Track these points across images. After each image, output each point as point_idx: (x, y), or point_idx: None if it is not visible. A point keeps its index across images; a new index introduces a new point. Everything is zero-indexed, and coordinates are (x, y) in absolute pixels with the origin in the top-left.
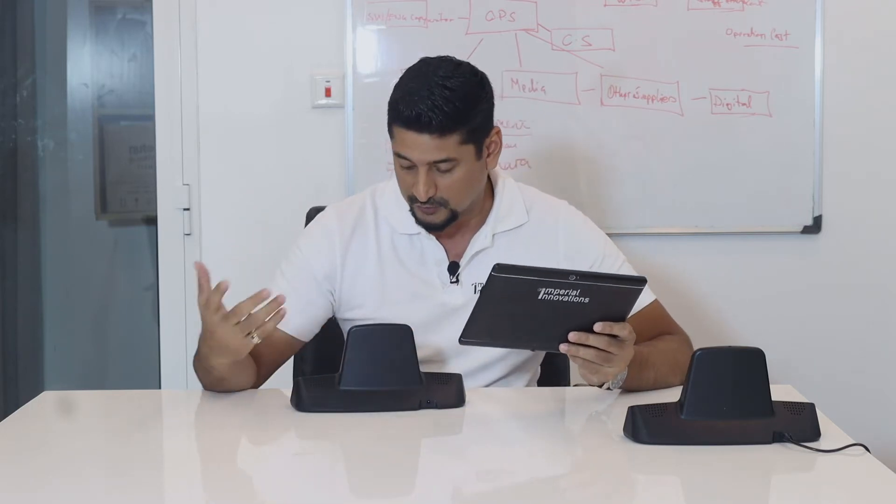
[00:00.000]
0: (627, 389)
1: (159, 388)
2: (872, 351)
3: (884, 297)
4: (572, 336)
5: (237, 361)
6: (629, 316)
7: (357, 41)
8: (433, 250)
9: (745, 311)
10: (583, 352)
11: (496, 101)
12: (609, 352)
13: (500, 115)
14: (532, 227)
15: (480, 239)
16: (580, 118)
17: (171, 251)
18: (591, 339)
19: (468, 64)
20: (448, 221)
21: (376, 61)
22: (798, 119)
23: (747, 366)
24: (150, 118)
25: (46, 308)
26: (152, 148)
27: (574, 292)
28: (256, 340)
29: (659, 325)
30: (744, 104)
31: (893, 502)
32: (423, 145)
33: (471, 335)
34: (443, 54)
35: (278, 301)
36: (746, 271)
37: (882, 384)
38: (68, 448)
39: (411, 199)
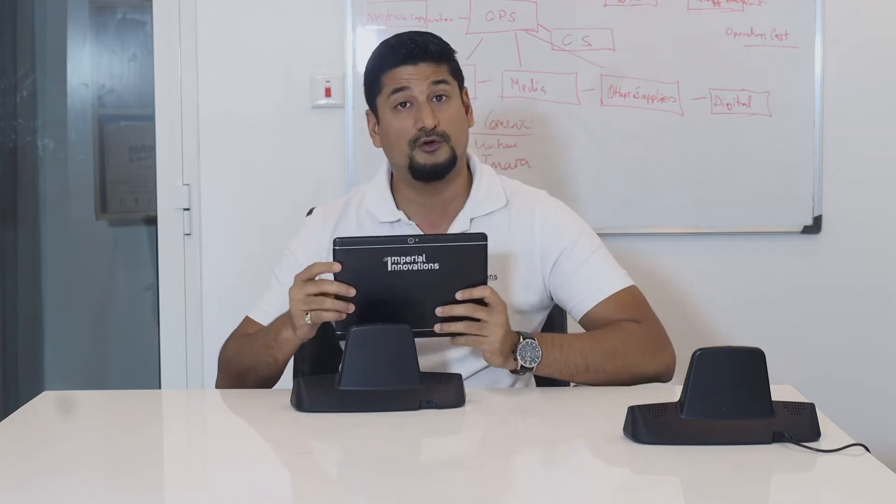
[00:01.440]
0: (560, 377)
1: (159, 388)
2: (872, 351)
3: (884, 296)
4: (438, 311)
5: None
6: (600, 301)
7: (357, 41)
8: None
9: (745, 311)
10: (454, 326)
11: (496, 101)
12: (478, 319)
13: (500, 115)
14: (511, 213)
15: (458, 223)
16: (580, 118)
17: (171, 251)
18: (457, 309)
19: None
20: (450, 163)
21: None
22: (798, 119)
23: (747, 366)
24: (150, 118)
25: (46, 308)
26: (152, 148)
27: (420, 258)
28: (307, 320)
29: (628, 312)
30: (744, 104)
31: (893, 502)
32: (423, 72)
33: (343, 325)
34: None
35: (347, 296)
36: (746, 271)
37: (882, 384)
38: (68, 448)
39: (413, 142)
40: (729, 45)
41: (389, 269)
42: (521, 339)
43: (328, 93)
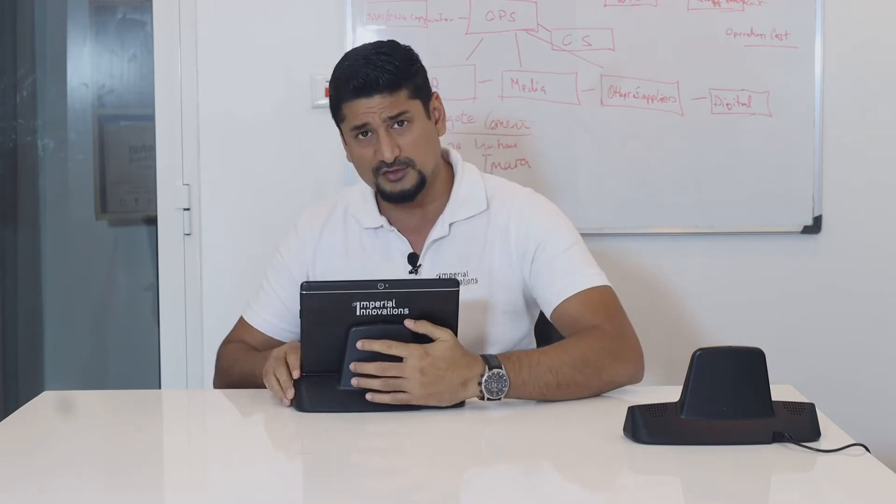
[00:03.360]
0: (531, 398)
1: (159, 388)
2: (872, 351)
3: (884, 297)
4: (352, 366)
5: None
6: (567, 297)
7: (357, 41)
8: (397, 243)
9: (745, 311)
10: (371, 382)
11: (496, 101)
12: (395, 376)
13: (500, 115)
14: (490, 217)
15: (437, 228)
16: (580, 118)
17: (171, 251)
18: (370, 367)
19: (393, 40)
20: (418, 187)
21: None
22: (798, 119)
23: (747, 366)
24: (150, 118)
25: (46, 308)
26: (152, 148)
27: (390, 303)
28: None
29: (596, 311)
30: (744, 104)
31: (893, 502)
32: (377, 106)
33: (308, 368)
34: (440, 54)
35: (289, 389)
36: (746, 271)
37: (882, 384)
38: (68, 448)
39: (376, 171)
40: (729, 45)
41: (358, 314)
42: (488, 370)
43: (328, 93)
